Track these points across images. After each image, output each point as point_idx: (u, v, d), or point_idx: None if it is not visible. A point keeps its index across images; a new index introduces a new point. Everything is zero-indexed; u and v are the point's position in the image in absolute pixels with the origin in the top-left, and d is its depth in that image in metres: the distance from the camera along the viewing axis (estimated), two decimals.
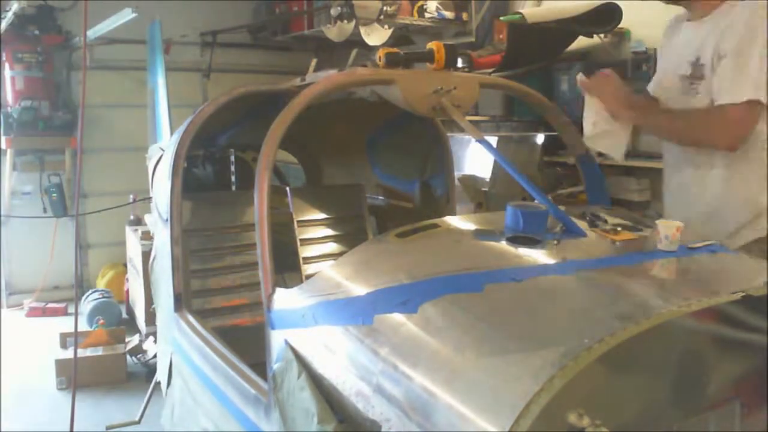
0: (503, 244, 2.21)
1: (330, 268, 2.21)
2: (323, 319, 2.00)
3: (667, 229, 2.23)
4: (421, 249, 2.24)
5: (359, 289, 2.00)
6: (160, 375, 3.71)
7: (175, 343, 3.25)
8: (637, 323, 1.59)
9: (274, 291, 2.25)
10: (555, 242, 2.23)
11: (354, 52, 3.23)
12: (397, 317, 1.81)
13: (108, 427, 4.72)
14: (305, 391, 1.91)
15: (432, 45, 2.86)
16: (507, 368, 1.54)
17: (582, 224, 2.43)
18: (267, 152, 2.46)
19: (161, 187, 3.61)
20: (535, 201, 2.50)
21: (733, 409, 1.88)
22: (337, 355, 1.91)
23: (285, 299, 2.20)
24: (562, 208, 2.50)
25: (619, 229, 2.39)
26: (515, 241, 2.22)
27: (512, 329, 1.70)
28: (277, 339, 2.17)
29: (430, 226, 2.37)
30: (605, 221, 2.49)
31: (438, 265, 2.05)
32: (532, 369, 1.49)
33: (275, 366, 2.12)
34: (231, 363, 2.62)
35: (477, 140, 2.60)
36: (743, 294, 1.80)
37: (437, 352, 1.67)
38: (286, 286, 2.28)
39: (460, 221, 2.51)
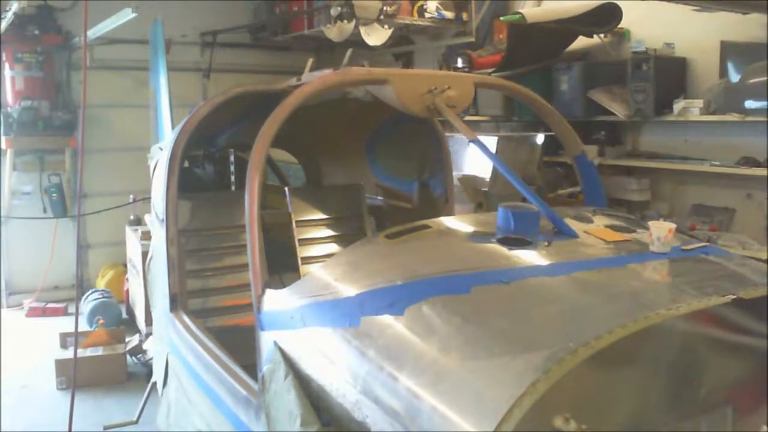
0: (493, 246, 2.20)
1: (319, 269, 2.20)
2: (311, 320, 1.99)
3: (659, 231, 2.21)
4: (410, 250, 2.23)
5: (347, 291, 1.99)
6: (156, 375, 3.71)
7: (171, 344, 3.24)
8: (624, 327, 1.57)
9: (264, 292, 2.24)
10: (546, 243, 2.21)
11: (349, 52, 3.21)
12: (384, 319, 1.80)
13: (106, 427, 4.71)
14: (291, 392, 1.90)
15: None
16: (491, 371, 1.53)
17: (575, 225, 2.42)
18: (258, 152, 2.45)
19: (158, 188, 3.61)
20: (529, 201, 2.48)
21: (725, 414, 1.87)
22: (325, 356, 1.90)
23: (275, 300, 2.19)
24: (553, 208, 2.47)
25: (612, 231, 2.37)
26: (506, 242, 2.20)
27: (498, 331, 1.69)
28: (266, 340, 2.16)
29: (421, 228, 2.36)
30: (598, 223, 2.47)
31: (426, 266, 2.04)
32: (516, 372, 1.48)
33: (264, 368, 2.12)
34: (223, 364, 2.61)
35: (470, 140, 2.58)
36: (734, 297, 1.78)
37: (423, 354, 1.66)
38: (284, 286, 2.26)
39: (452, 222, 2.50)
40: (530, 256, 2.12)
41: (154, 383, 3.91)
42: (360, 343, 1.79)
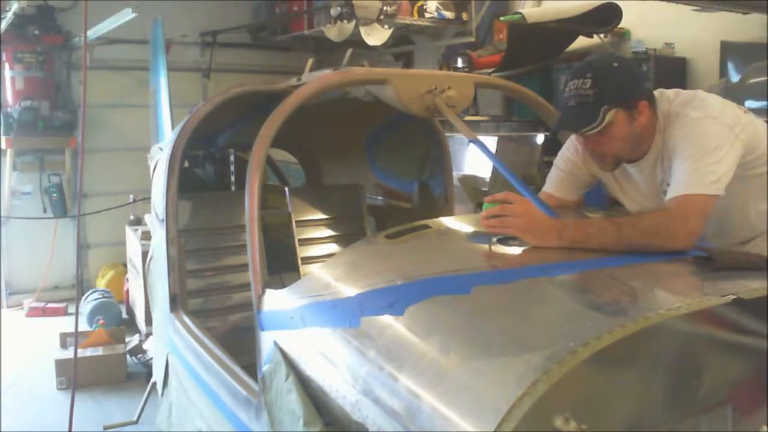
0: (493, 246, 2.19)
1: (319, 268, 2.21)
2: (311, 320, 2.00)
3: None
4: (410, 250, 2.23)
5: (347, 291, 1.99)
6: (156, 375, 3.71)
7: (171, 344, 3.24)
8: (624, 327, 1.57)
9: (263, 292, 2.24)
10: None
11: (349, 52, 3.22)
12: (385, 319, 1.80)
13: (105, 427, 4.71)
14: (292, 393, 1.91)
15: None
16: (492, 371, 1.52)
17: None
18: (258, 152, 2.45)
19: (158, 187, 3.61)
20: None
21: (725, 414, 1.87)
22: (325, 357, 1.90)
23: (275, 300, 2.19)
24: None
25: None
26: (505, 242, 2.20)
27: (498, 331, 1.69)
28: (266, 340, 2.16)
29: (421, 227, 2.36)
30: None
31: (426, 266, 2.04)
32: (517, 372, 1.47)
33: (264, 368, 2.12)
34: (224, 364, 2.61)
35: (470, 140, 2.58)
36: (734, 297, 1.77)
37: (423, 355, 1.66)
38: (284, 286, 2.26)
39: (452, 222, 2.50)
40: (530, 256, 2.12)
41: (154, 383, 3.91)
42: (360, 344, 1.79)
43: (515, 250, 2.17)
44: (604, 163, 2.60)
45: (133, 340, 6.13)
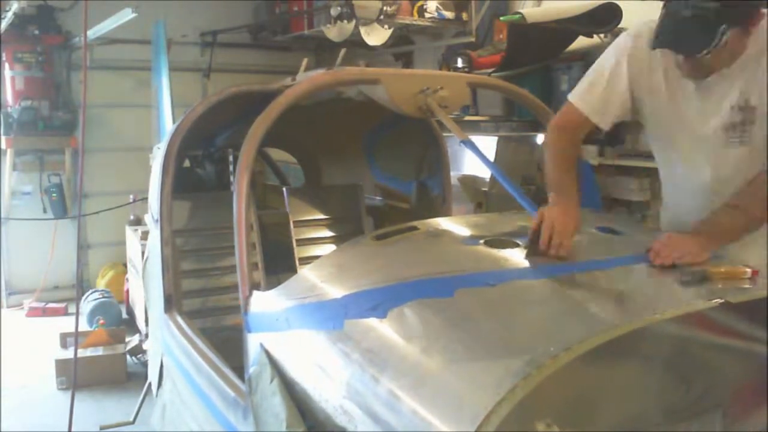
0: (481, 248, 2.17)
1: (307, 270, 2.20)
2: (296, 322, 1.99)
3: None
4: (397, 252, 2.22)
5: (333, 293, 1.98)
6: (151, 376, 3.70)
7: (165, 345, 3.24)
8: (607, 331, 1.56)
9: (251, 294, 2.23)
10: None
11: (342, 52, 3.19)
12: (368, 322, 1.79)
13: (102, 428, 4.71)
14: (276, 396, 1.90)
15: None
16: (472, 375, 1.52)
17: None
18: (247, 152, 2.44)
19: (153, 187, 3.60)
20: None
21: (714, 418, 1.85)
22: (309, 359, 1.89)
23: (262, 302, 2.18)
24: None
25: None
26: (493, 244, 2.18)
27: (480, 335, 1.67)
28: (253, 342, 2.15)
29: (410, 229, 2.35)
30: None
31: (411, 268, 2.03)
32: (496, 377, 1.46)
33: (251, 370, 2.11)
34: (214, 365, 2.60)
35: (461, 141, 2.57)
36: (722, 301, 1.76)
37: (405, 358, 1.65)
38: None
39: (442, 224, 2.48)
40: (517, 258, 2.10)
41: (150, 384, 3.90)
42: (343, 346, 1.78)
43: (500, 253, 2.15)
44: (697, 72, 2.45)
45: (133, 340, 6.13)
